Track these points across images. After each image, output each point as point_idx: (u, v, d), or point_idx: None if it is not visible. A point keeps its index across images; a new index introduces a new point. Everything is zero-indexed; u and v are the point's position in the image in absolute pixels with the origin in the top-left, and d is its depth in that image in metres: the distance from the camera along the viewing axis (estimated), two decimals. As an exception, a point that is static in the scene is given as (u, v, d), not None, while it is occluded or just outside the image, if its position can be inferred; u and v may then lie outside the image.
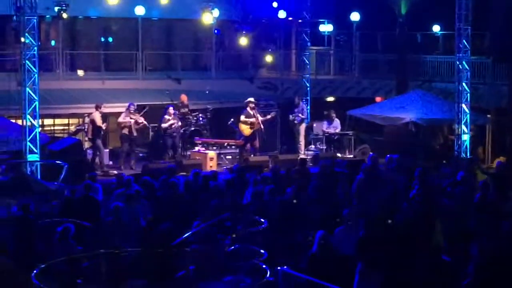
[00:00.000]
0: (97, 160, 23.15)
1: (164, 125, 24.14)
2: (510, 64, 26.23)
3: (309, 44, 29.95)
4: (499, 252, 10.51)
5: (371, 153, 22.57)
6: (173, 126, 24.19)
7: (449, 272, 10.95)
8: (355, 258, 11.37)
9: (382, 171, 17.11)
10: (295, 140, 26.44)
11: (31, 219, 14.14)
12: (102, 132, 23.36)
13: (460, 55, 24.57)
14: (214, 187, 15.84)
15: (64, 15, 25.76)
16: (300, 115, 26.30)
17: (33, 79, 19.56)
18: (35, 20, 19.54)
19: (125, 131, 23.50)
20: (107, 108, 24.61)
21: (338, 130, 26.74)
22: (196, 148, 24.68)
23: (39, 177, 19.18)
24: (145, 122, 24.10)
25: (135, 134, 23.70)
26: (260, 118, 24.66)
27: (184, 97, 25.95)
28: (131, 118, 23.49)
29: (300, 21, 30.59)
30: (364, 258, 10.91)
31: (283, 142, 26.88)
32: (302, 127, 26.41)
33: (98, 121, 22.93)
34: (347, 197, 15.33)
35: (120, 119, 23.59)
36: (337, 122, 26.80)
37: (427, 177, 15.58)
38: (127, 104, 23.98)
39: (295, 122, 26.31)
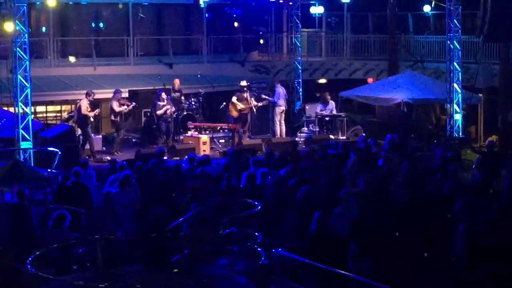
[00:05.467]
0: (87, 146, 23.02)
1: (159, 112, 24.10)
2: (501, 43, 26.20)
3: (300, 26, 29.90)
4: (487, 232, 10.57)
5: (363, 134, 22.63)
6: (167, 111, 24.21)
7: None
8: (349, 239, 11.36)
9: (374, 151, 17.15)
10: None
11: (27, 206, 14.18)
12: (89, 120, 23.22)
13: (451, 34, 24.58)
14: (201, 172, 15.82)
15: (54, 2, 25.67)
16: (269, 98, 25.66)
17: (24, 66, 19.45)
18: (25, 7, 19.40)
19: (118, 118, 23.50)
20: (99, 94, 24.58)
21: (334, 112, 26.69)
22: (189, 133, 24.65)
23: (32, 164, 19.16)
24: (133, 104, 24.05)
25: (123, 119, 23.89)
26: (254, 103, 24.69)
27: (176, 82, 25.91)
28: (122, 105, 23.49)
29: (290, 3, 30.50)
30: (356, 240, 10.90)
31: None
32: (277, 110, 25.85)
33: (84, 109, 22.75)
34: (340, 178, 15.34)
35: (117, 109, 23.42)
36: (332, 104, 26.68)
37: (417, 157, 15.65)
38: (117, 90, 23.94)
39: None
